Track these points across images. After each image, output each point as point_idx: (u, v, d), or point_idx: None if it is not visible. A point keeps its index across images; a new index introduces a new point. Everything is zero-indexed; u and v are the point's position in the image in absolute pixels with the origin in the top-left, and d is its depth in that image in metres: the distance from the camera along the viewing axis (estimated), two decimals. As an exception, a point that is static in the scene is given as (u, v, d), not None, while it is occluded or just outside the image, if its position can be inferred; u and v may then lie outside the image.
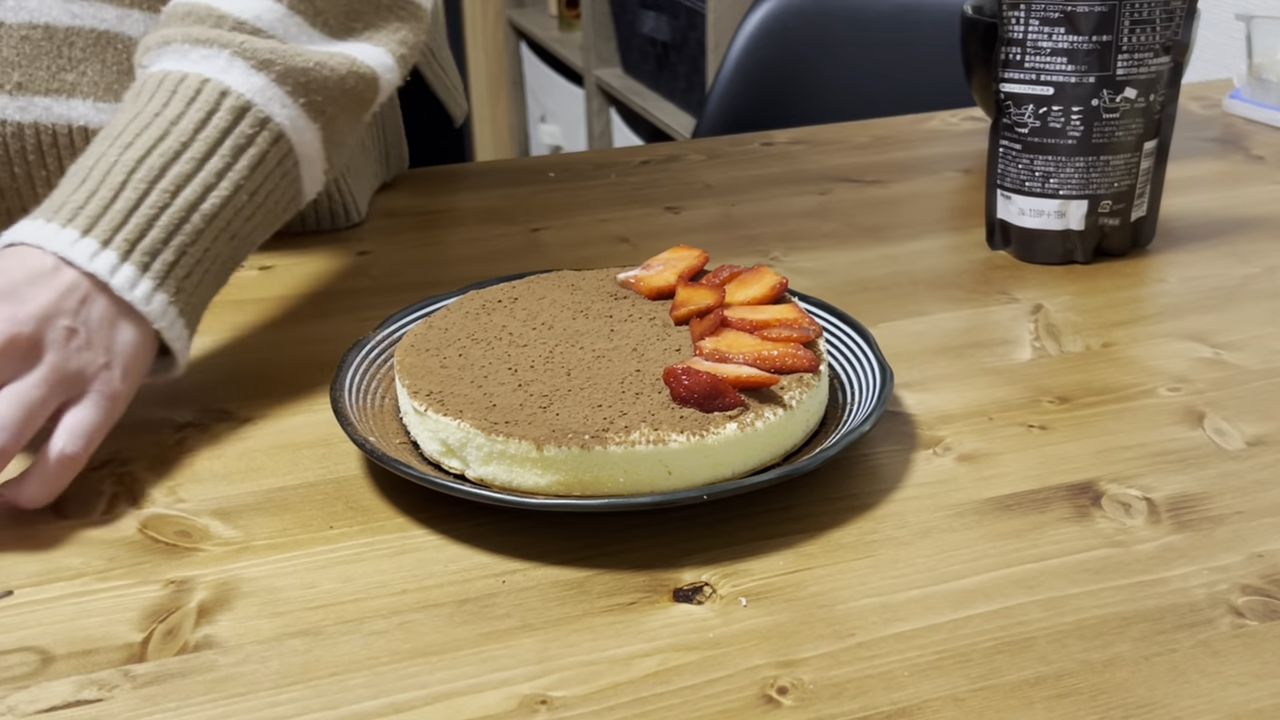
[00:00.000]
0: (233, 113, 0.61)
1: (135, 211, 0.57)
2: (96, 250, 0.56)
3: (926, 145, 1.06)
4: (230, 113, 0.61)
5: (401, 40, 0.70)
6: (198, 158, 0.59)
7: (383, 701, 0.44)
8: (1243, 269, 0.79)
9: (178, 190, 0.58)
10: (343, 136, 0.68)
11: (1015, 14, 0.76)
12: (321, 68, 0.64)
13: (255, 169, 0.61)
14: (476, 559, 0.52)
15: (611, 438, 0.51)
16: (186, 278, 0.59)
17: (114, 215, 0.57)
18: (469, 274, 0.80)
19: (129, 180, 0.58)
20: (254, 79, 0.62)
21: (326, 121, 0.65)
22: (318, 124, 0.65)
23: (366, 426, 0.57)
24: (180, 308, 0.58)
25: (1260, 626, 0.47)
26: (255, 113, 0.61)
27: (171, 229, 0.58)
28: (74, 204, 0.57)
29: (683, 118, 2.24)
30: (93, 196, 0.57)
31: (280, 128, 0.62)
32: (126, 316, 0.57)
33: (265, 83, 0.62)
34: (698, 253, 0.66)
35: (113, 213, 0.57)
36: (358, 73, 0.66)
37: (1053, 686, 0.44)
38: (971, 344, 0.69)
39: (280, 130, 0.62)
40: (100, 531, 0.54)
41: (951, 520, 0.54)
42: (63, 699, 0.44)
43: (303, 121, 0.63)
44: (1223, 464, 0.57)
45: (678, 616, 0.48)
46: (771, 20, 1.39)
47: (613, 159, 1.04)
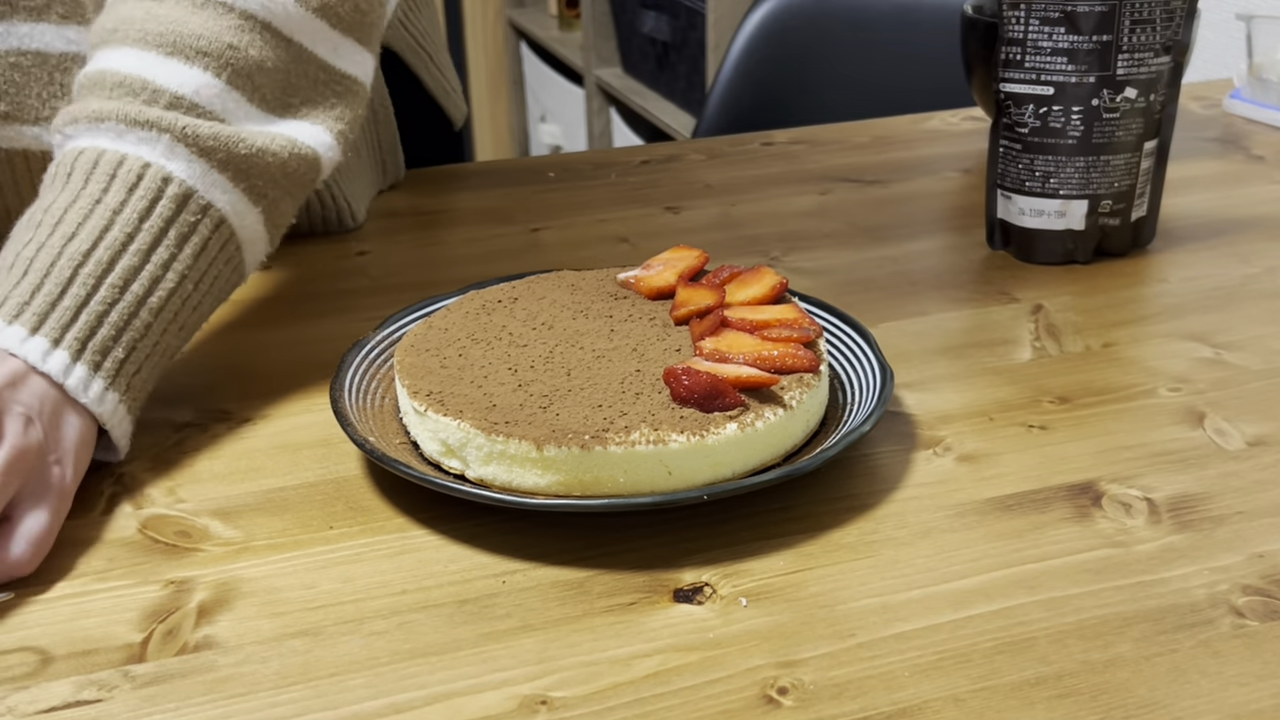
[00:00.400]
0: (175, 201, 0.59)
1: (84, 308, 0.56)
2: (48, 349, 0.54)
3: (926, 145, 1.06)
4: (173, 201, 0.59)
5: (339, 117, 0.68)
6: (143, 249, 0.58)
7: (383, 702, 0.44)
8: (1243, 269, 0.79)
9: (125, 285, 0.57)
10: (284, 218, 0.66)
11: (1015, 14, 0.76)
12: (263, 153, 0.62)
13: (199, 256, 0.60)
14: (476, 559, 0.52)
15: (611, 438, 0.51)
16: (136, 374, 0.57)
17: (62, 312, 0.55)
18: (469, 274, 0.80)
19: (76, 275, 0.56)
20: (194, 165, 0.60)
21: (268, 205, 0.64)
22: (259, 207, 0.63)
23: (366, 426, 0.57)
24: (129, 404, 0.57)
25: (1261, 627, 0.47)
26: (197, 199, 0.60)
27: (121, 325, 0.57)
28: (18, 298, 0.55)
29: (683, 118, 2.24)
30: (37, 291, 0.55)
31: (222, 214, 0.61)
32: (74, 410, 0.55)
33: (205, 169, 0.60)
34: (698, 253, 0.66)
35: (61, 309, 0.55)
36: (299, 155, 0.64)
37: (1053, 687, 0.44)
38: (971, 344, 0.69)
39: (222, 216, 0.61)
40: (100, 531, 0.54)
41: (952, 520, 0.54)
42: (62, 699, 0.44)
43: (244, 206, 0.62)
44: (1223, 464, 0.57)
45: (678, 617, 0.48)
46: (771, 20, 1.39)
47: (613, 159, 1.04)
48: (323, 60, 0.67)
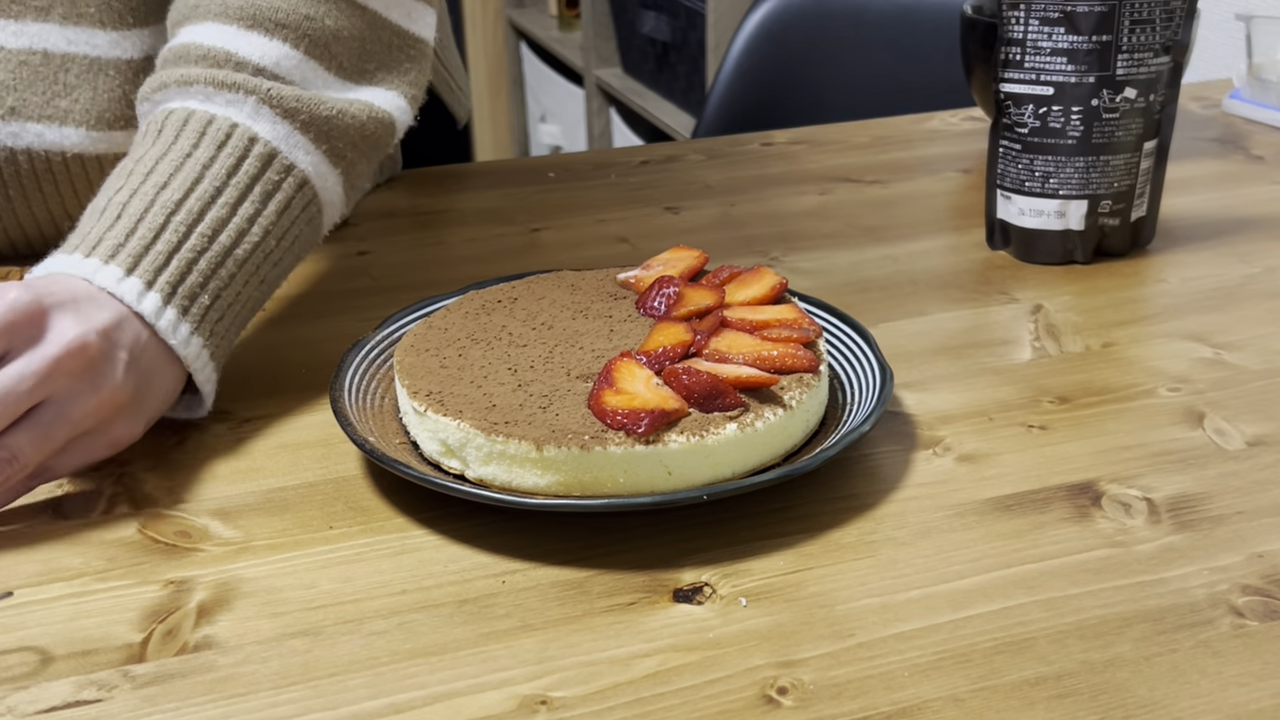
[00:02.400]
0: (260, 159, 0.61)
1: (176, 254, 0.57)
2: (142, 290, 0.56)
3: (926, 145, 1.06)
4: (258, 159, 0.61)
5: (412, 82, 0.71)
6: (231, 203, 0.60)
7: (383, 702, 0.44)
8: (1243, 269, 0.79)
9: (214, 235, 0.59)
10: (361, 180, 0.69)
11: (1015, 14, 0.76)
12: (343, 115, 0.65)
13: (282, 214, 0.62)
14: (476, 559, 0.52)
15: (611, 438, 0.51)
16: (219, 321, 0.59)
17: (155, 256, 0.57)
18: (469, 274, 0.80)
19: (168, 222, 0.58)
20: (279, 126, 0.62)
21: (347, 166, 0.66)
22: (339, 169, 0.65)
23: (366, 426, 0.57)
24: (212, 351, 0.59)
25: (1260, 627, 0.47)
26: (281, 159, 0.62)
27: (208, 273, 0.58)
28: (113, 239, 0.57)
29: (683, 118, 2.24)
30: (131, 235, 0.57)
31: (304, 174, 0.63)
32: (165, 359, 0.57)
33: (289, 130, 0.63)
34: (698, 253, 0.66)
35: (154, 253, 0.57)
36: (377, 118, 0.67)
37: (1053, 687, 0.44)
38: (971, 344, 0.69)
39: (304, 176, 0.63)
40: (100, 531, 0.54)
41: (951, 520, 0.54)
42: (62, 699, 0.44)
43: (325, 168, 0.64)
44: (1223, 464, 0.57)
45: (678, 617, 0.48)
46: (771, 20, 1.39)
47: (613, 159, 1.04)
48: (396, 25, 0.70)
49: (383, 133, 0.68)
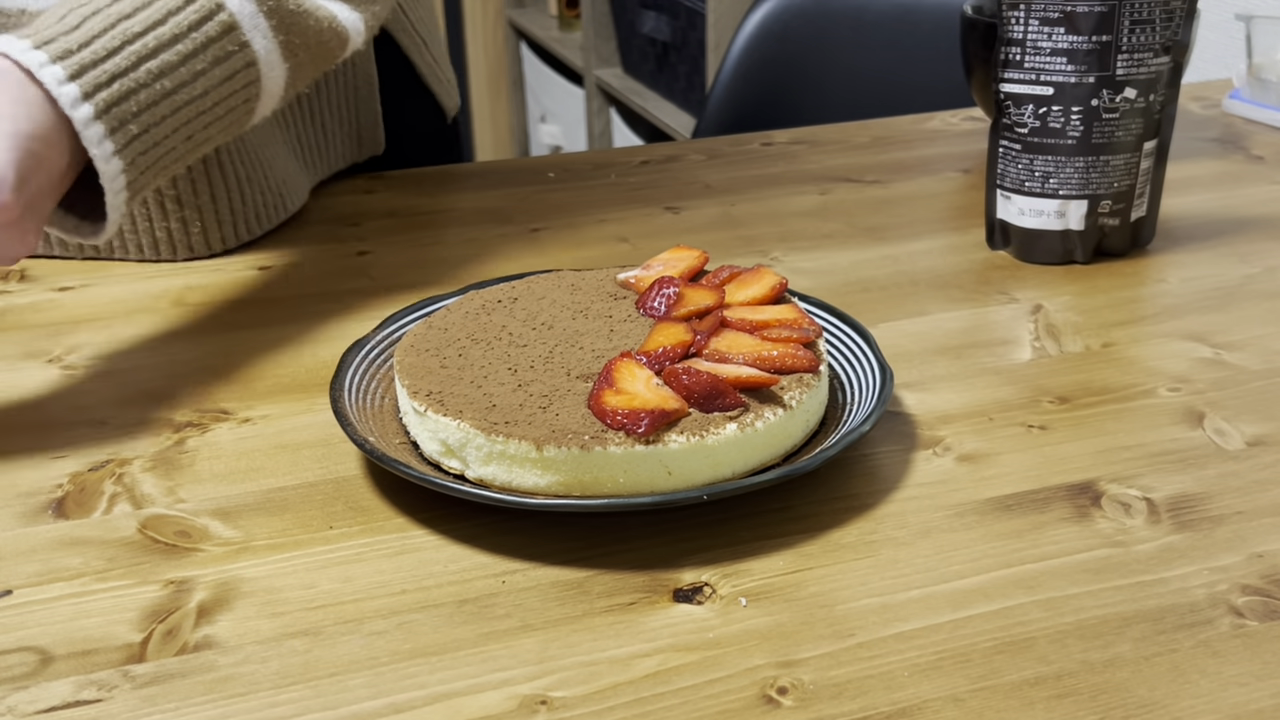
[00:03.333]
0: (221, 26, 0.64)
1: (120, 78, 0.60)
2: (78, 98, 0.58)
3: (926, 145, 1.06)
4: (219, 25, 0.64)
5: (375, 13, 0.73)
6: (184, 53, 0.62)
7: (383, 702, 0.44)
8: (1243, 269, 0.79)
9: (160, 75, 0.61)
10: (301, 83, 0.71)
11: (1015, 14, 0.76)
12: (307, 15, 0.67)
13: (224, 83, 0.64)
14: (476, 559, 0.52)
15: (611, 438, 0.51)
16: (143, 154, 0.61)
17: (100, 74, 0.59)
18: (469, 274, 0.80)
19: (122, 48, 0.60)
20: (246, 5, 0.65)
21: (295, 65, 0.68)
22: (288, 64, 0.68)
23: (366, 426, 0.57)
24: (129, 179, 0.61)
25: (1260, 627, 0.47)
26: (239, 34, 0.64)
27: (145, 106, 0.61)
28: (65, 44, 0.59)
29: (683, 118, 2.24)
30: (85, 46, 0.59)
31: (255, 55, 0.65)
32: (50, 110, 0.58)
33: (255, 11, 0.65)
34: (698, 253, 0.66)
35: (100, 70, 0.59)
36: (335, 29, 0.70)
37: (1053, 687, 0.44)
38: (971, 344, 0.69)
39: (254, 58, 0.66)
40: (100, 531, 0.54)
41: (951, 520, 0.54)
42: (62, 699, 0.44)
43: (275, 57, 0.67)
44: (1223, 464, 0.57)
45: (678, 617, 0.48)
46: (771, 20, 1.39)
47: (613, 159, 1.04)
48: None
49: (336, 44, 0.71)
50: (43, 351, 0.70)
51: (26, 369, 0.68)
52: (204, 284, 0.79)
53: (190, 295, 0.77)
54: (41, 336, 0.71)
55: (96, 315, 0.74)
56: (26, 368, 0.68)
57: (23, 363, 0.69)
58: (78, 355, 0.69)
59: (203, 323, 0.74)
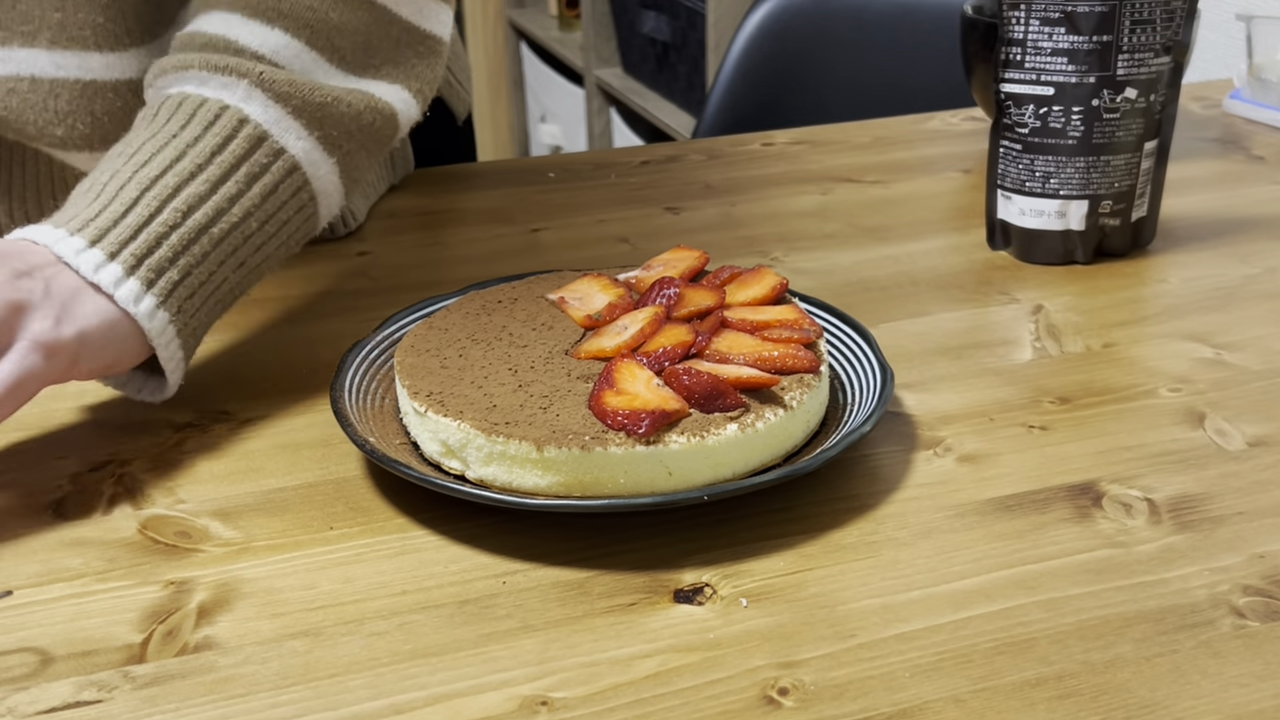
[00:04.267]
0: (249, 140, 0.61)
1: (145, 228, 0.57)
2: (102, 261, 0.55)
3: (926, 145, 1.06)
4: (247, 140, 0.61)
5: (419, 76, 0.70)
6: (212, 180, 0.59)
7: (383, 703, 0.44)
8: (1243, 269, 0.79)
9: (190, 210, 0.58)
10: (361, 172, 0.68)
11: (1015, 14, 0.76)
12: (338, 103, 0.64)
13: (267, 198, 0.61)
14: (477, 560, 0.52)
15: (612, 438, 0.51)
16: (189, 299, 0.58)
17: (123, 229, 0.56)
18: (469, 274, 0.80)
19: (142, 197, 0.57)
20: (270, 110, 0.62)
21: (343, 156, 0.65)
22: (334, 158, 0.65)
23: (366, 427, 0.56)
24: (179, 328, 0.58)
25: (1261, 627, 0.47)
26: (271, 143, 0.61)
27: (179, 249, 0.58)
28: (84, 216, 0.57)
29: (683, 118, 2.24)
30: (104, 210, 0.57)
31: (295, 160, 0.62)
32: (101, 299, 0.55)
33: (282, 114, 0.62)
34: (698, 253, 0.66)
35: (122, 227, 0.56)
36: (375, 109, 0.66)
37: (1054, 687, 0.44)
38: (972, 344, 0.69)
39: (295, 162, 0.62)
40: (100, 532, 0.54)
41: (952, 521, 0.54)
42: (62, 700, 0.44)
43: (318, 155, 0.64)
44: (1223, 464, 0.57)
45: (678, 617, 0.48)
46: (771, 20, 1.39)
47: (613, 159, 1.04)
48: (406, 21, 0.69)
49: (382, 124, 0.67)
50: (43, 352, 0.70)
51: (26, 369, 0.68)
52: (204, 284, 0.79)
53: (190, 295, 0.77)
54: (41, 337, 0.71)
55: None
56: (26, 368, 0.68)
57: (22, 363, 0.69)
58: (78, 355, 0.69)
59: (203, 323, 0.74)
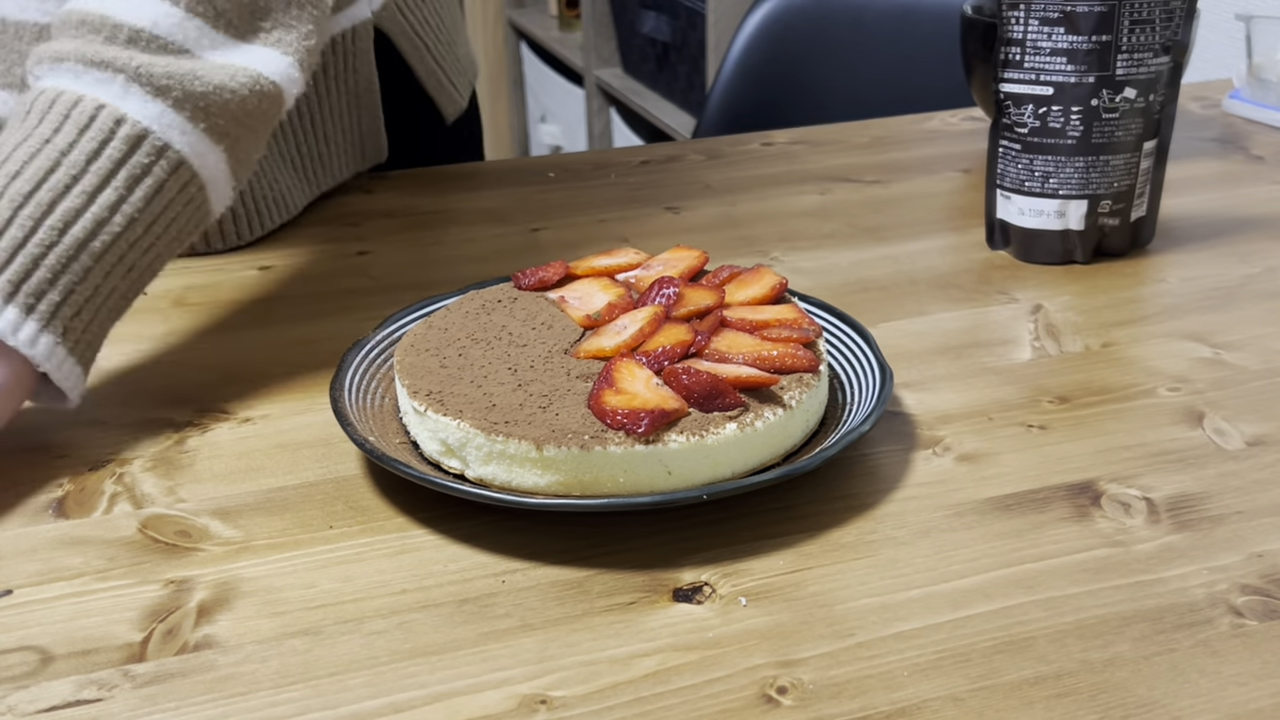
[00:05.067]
0: (128, 142, 0.58)
1: (20, 251, 0.55)
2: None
3: (926, 145, 1.06)
4: (125, 142, 0.58)
5: (305, 39, 0.66)
6: (88, 191, 0.57)
7: (383, 701, 0.44)
8: (1243, 269, 0.79)
9: (65, 227, 0.56)
10: (250, 153, 0.65)
11: (1015, 14, 0.76)
12: (222, 90, 0.61)
13: (153, 199, 0.59)
14: (476, 559, 0.52)
15: (611, 438, 0.51)
16: (76, 316, 0.57)
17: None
18: (469, 274, 0.80)
19: (14, 217, 0.55)
20: (150, 105, 0.59)
21: (231, 143, 0.63)
22: (221, 146, 0.62)
23: (366, 426, 0.57)
24: (70, 347, 0.57)
25: (1260, 626, 0.47)
26: (152, 140, 0.59)
27: (58, 268, 0.56)
28: None
29: (683, 118, 2.24)
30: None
31: (180, 155, 0.60)
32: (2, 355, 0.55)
33: (162, 109, 0.59)
34: (698, 253, 0.66)
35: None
36: (260, 90, 0.63)
37: (1052, 686, 0.44)
38: (971, 344, 0.69)
39: (180, 157, 0.60)
40: (100, 531, 0.54)
41: (951, 520, 0.54)
42: (62, 699, 0.44)
43: (204, 146, 0.61)
44: (1222, 464, 0.57)
45: (677, 616, 0.48)
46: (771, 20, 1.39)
47: (613, 159, 1.04)
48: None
49: (268, 105, 0.64)
50: (43, 351, 0.70)
51: (27, 369, 0.68)
52: (204, 284, 0.79)
53: (190, 295, 0.77)
54: (42, 336, 0.71)
55: (97, 315, 0.74)
56: (27, 367, 0.68)
57: (23, 362, 0.69)
58: (78, 355, 0.69)
59: (203, 323, 0.74)
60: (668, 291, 0.61)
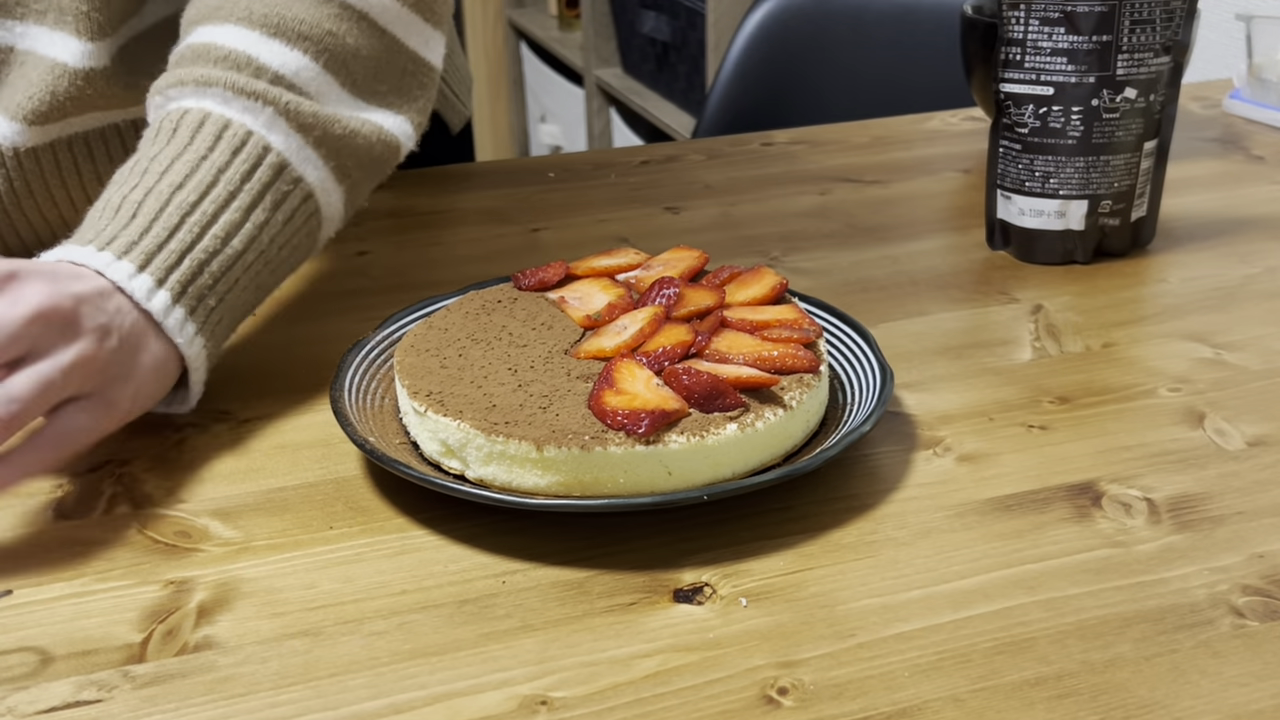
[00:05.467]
0: (273, 169, 0.62)
1: (189, 254, 0.58)
2: (152, 287, 0.57)
3: (926, 145, 1.06)
4: (270, 168, 0.62)
5: (420, 109, 0.72)
6: (244, 207, 0.61)
7: (383, 702, 0.44)
8: (1243, 269, 0.79)
9: (227, 238, 0.60)
10: (360, 199, 0.70)
11: (1015, 14, 0.76)
12: (355, 136, 0.66)
13: (287, 223, 0.63)
14: (476, 559, 0.52)
15: (611, 438, 0.51)
16: (220, 323, 0.60)
17: (168, 254, 0.58)
18: (469, 274, 0.80)
19: (183, 222, 0.59)
20: (292, 139, 0.63)
21: (350, 185, 0.67)
22: (343, 186, 0.66)
23: (366, 427, 0.57)
24: (209, 351, 0.60)
25: (1261, 627, 0.47)
26: (291, 171, 0.63)
27: (218, 275, 0.59)
28: (127, 237, 0.57)
29: (683, 118, 2.24)
30: (146, 233, 0.58)
31: (310, 188, 0.64)
32: (158, 341, 0.57)
33: (301, 144, 0.64)
34: (698, 253, 0.66)
35: (167, 251, 0.58)
36: (384, 141, 0.68)
37: (1053, 687, 0.44)
38: (971, 344, 0.69)
39: (310, 190, 0.64)
40: (100, 531, 0.54)
41: (952, 521, 0.54)
42: (62, 699, 0.44)
43: (330, 184, 0.65)
44: (1223, 464, 0.57)
45: (678, 617, 0.48)
46: (771, 20, 1.39)
47: (613, 159, 1.04)
48: (412, 51, 0.71)
49: (388, 155, 0.69)
50: (43, 351, 0.70)
51: (26, 369, 0.68)
52: (204, 284, 0.79)
53: (190, 295, 0.77)
54: (41, 336, 0.71)
55: (96, 315, 0.74)
56: (26, 368, 0.68)
57: (23, 363, 0.69)
58: (78, 355, 0.69)
59: (203, 323, 0.74)
60: (668, 292, 0.61)
